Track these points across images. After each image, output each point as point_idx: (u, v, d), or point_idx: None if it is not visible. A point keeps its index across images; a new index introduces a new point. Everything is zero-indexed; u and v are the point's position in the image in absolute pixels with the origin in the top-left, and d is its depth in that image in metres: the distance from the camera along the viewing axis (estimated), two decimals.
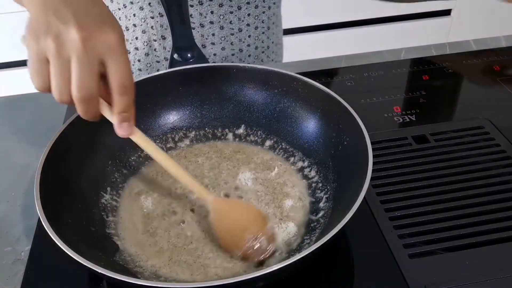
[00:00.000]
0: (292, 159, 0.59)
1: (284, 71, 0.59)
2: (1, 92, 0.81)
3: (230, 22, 0.75)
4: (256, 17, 0.77)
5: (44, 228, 0.42)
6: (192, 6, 0.71)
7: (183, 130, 0.62)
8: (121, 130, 0.47)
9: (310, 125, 0.58)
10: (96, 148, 0.56)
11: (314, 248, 0.40)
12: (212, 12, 0.73)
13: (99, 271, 0.39)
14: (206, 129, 0.63)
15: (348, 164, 0.52)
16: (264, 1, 0.77)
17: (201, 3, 0.72)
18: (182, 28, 0.64)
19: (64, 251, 0.40)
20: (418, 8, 1.82)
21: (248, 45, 0.79)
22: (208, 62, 0.65)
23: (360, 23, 1.82)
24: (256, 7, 0.76)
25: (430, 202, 0.54)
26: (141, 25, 0.75)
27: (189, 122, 0.62)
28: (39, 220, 0.50)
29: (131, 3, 0.74)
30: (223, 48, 0.77)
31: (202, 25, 0.74)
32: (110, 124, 0.57)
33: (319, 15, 1.78)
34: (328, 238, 0.40)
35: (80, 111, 0.44)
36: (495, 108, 0.68)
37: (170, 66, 0.65)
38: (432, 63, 0.78)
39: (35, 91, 0.43)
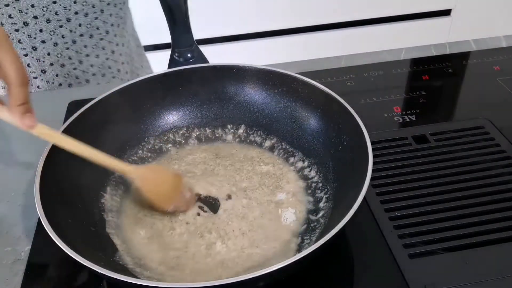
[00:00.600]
0: (292, 159, 0.59)
1: (284, 71, 0.59)
2: (2, 91, 0.81)
3: (63, 36, 0.74)
4: (88, 25, 0.76)
5: (44, 228, 0.42)
6: (17, 30, 0.70)
7: (183, 130, 0.62)
8: (27, 121, 0.46)
9: (310, 125, 0.58)
10: (96, 148, 0.56)
11: (314, 248, 0.40)
12: (41, 30, 0.72)
13: (99, 271, 0.39)
14: (206, 129, 0.63)
15: (348, 164, 0.52)
16: (93, 7, 0.76)
17: (26, 24, 0.71)
18: (181, 28, 0.64)
19: (64, 251, 0.40)
20: (418, 8, 1.82)
21: (88, 55, 0.78)
22: (208, 62, 0.65)
23: (360, 23, 1.82)
24: (86, 15, 0.75)
25: (430, 202, 0.54)
26: None
27: (189, 122, 0.62)
28: (39, 220, 0.50)
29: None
30: (62, 65, 0.77)
31: (34, 48, 0.74)
32: (107, 124, 0.58)
33: (319, 15, 1.78)
34: (328, 238, 0.40)
35: None
36: (495, 108, 0.68)
37: (170, 66, 0.65)
38: (432, 63, 0.78)
39: (35, 91, 0.43)
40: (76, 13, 0.73)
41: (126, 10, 0.85)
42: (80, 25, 0.75)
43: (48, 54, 0.75)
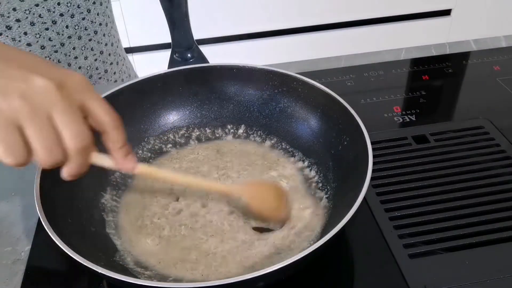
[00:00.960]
0: (292, 159, 0.59)
1: (284, 71, 0.59)
2: None
3: (50, 39, 0.73)
4: (76, 27, 0.75)
5: (44, 228, 0.42)
6: (0, 34, 0.69)
7: (183, 130, 0.62)
8: (129, 164, 0.44)
9: (310, 125, 0.58)
10: (96, 148, 0.56)
11: (314, 248, 0.40)
12: (25, 33, 0.71)
13: (99, 271, 0.39)
14: (206, 129, 0.63)
15: (348, 164, 0.52)
16: (79, 7, 0.74)
17: (9, 28, 0.69)
18: (181, 28, 0.64)
19: (64, 251, 0.40)
20: (418, 8, 1.82)
21: (76, 57, 0.77)
22: (208, 62, 0.65)
23: (360, 23, 1.82)
24: (72, 16, 0.74)
25: (430, 202, 0.54)
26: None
27: (189, 122, 0.62)
28: (39, 220, 0.50)
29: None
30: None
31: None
32: None
33: (319, 15, 1.78)
34: (328, 238, 0.40)
35: (75, 166, 0.40)
36: (495, 108, 0.68)
37: (170, 66, 0.65)
38: (432, 63, 0.78)
39: None
40: (62, 15, 0.72)
41: (111, 8, 0.84)
42: (67, 26, 0.74)
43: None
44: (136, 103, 0.60)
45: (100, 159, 0.43)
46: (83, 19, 0.76)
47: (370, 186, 0.45)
